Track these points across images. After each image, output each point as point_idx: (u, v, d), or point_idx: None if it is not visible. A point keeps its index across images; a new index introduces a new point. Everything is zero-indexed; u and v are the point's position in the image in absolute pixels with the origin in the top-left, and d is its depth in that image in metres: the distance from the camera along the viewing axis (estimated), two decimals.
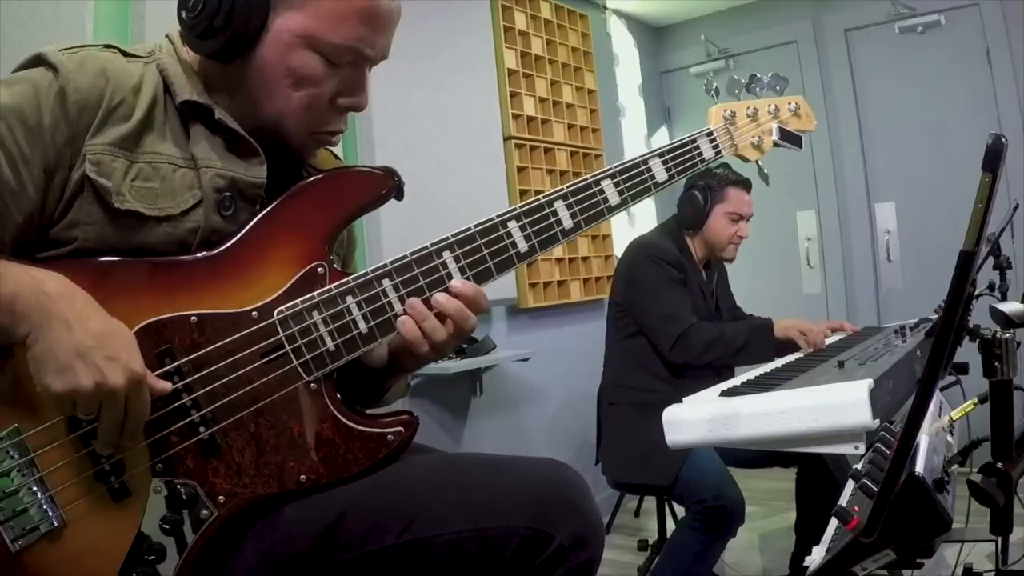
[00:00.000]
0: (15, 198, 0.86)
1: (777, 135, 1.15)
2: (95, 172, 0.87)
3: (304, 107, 0.95)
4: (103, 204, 0.88)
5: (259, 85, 0.94)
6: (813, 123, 1.20)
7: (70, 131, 0.87)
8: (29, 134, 0.86)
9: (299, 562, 0.90)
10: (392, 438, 0.94)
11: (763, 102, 1.16)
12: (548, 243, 0.99)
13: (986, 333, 1.04)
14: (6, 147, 0.85)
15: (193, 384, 0.89)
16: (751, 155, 1.15)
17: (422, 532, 0.90)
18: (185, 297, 0.91)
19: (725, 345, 2.21)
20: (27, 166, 0.86)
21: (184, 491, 0.88)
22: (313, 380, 0.93)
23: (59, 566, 0.86)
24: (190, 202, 0.92)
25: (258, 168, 0.97)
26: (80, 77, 0.88)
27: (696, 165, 1.08)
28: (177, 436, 0.89)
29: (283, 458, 0.91)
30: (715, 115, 1.13)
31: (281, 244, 0.94)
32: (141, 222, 0.90)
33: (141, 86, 0.92)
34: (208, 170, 0.94)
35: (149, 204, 0.90)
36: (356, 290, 0.94)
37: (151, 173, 0.91)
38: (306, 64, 0.93)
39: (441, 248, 0.96)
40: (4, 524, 0.85)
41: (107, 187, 0.88)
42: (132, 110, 0.91)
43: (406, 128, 2.77)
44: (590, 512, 0.94)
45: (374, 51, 0.96)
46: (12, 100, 0.86)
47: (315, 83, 0.94)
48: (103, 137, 0.88)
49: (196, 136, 0.95)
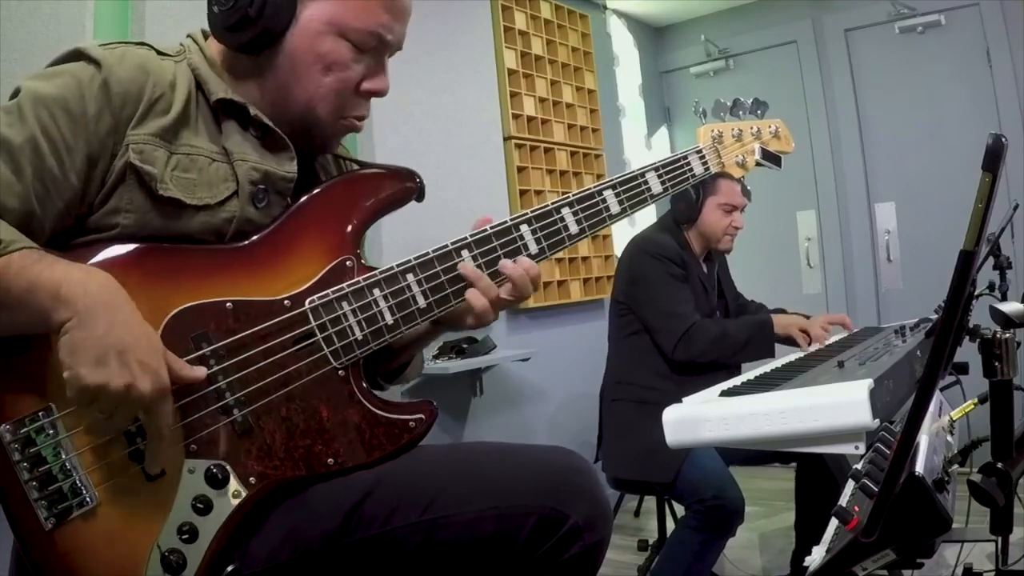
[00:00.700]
0: (57, 185, 0.88)
1: (759, 155, 1.25)
2: (139, 160, 0.90)
3: (334, 92, 1.00)
4: (147, 190, 0.91)
5: (289, 72, 0.99)
6: (791, 145, 1.31)
7: (113, 121, 0.90)
8: (73, 123, 0.88)
9: (323, 540, 0.93)
10: (414, 425, 0.99)
11: (747, 124, 1.26)
12: (556, 246, 1.07)
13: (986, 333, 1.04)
14: (49, 135, 0.87)
15: (227, 368, 0.93)
16: (736, 172, 1.25)
17: (442, 511, 0.95)
18: (221, 284, 0.94)
19: (728, 343, 2.22)
20: (70, 154, 0.88)
21: (217, 472, 0.91)
22: (341, 367, 0.97)
23: (92, 544, 0.88)
24: (225, 193, 0.96)
25: (289, 163, 1.01)
26: (122, 71, 0.91)
27: (687, 180, 1.17)
28: (211, 418, 0.92)
29: (311, 441, 0.95)
30: (703, 135, 1.24)
31: (312, 237, 0.99)
32: (181, 210, 0.93)
33: (176, 83, 0.95)
34: (243, 163, 0.97)
35: (188, 193, 0.93)
36: (383, 283, 0.99)
37: (189, 164, 0.94)
38: (335, 50, 0.98)
39: (460, 247, 1.02)
40: (37, 502, 0.87)
41: (152, 173, 0.91)
42: (170, 104, 0.94)
43: (406, 128, 2.78)
44: (600, 496, 1.00)
45: (394, 37, 1.02)
46: (56, 91, 0.88)
47: (343, 68, 0.99)
48: (145, 128, 0.91)
49: (228, 132, 0.98)
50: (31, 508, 0.86)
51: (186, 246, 0.94)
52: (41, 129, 0.87)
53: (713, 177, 2.38)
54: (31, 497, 0.86)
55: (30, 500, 0.86)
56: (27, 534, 0.87)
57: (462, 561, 0.96)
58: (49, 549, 0.87)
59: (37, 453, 0.87)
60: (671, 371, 2.31)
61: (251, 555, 0.92)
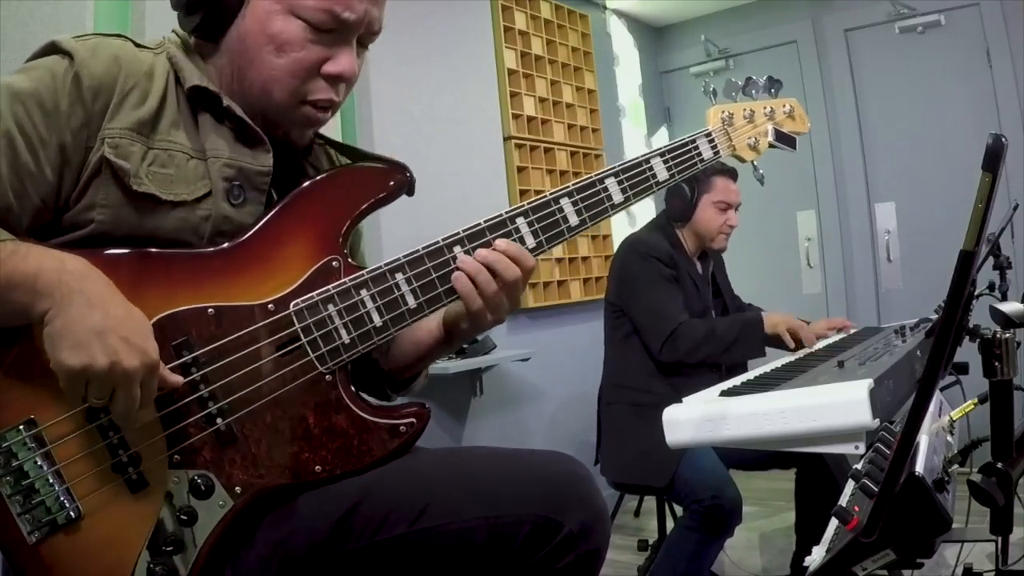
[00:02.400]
0: (33, 180, 0.87)
1: (773, 136, 1.17)
2: (113, 154, 0.89)
3: (288, 73, 0.95)
4: (121, 186, 0.89)
5: (242, 54, 0.95)
6: (807, 125, 1.22)
7: (85, 115, 0.89)
8: (46, 117, 0.87)
9: (313, 551, 0.92)
10: (405, 429, 0.96)
11: (759, 104, 1.18)
12: (555, 239, 1.02)
13: (986, 333, 1.04)
14: (24, 130, 0.87)
15: (210, 375, 0.90)
16: (748, 155, 1.17)
17: (434, 520, 0.92)
18: (203, 289, 0.92)
19: (715, 342, 2.20)
20: (45, 148, 0.87)
21: (201, 482, 0.89)
22: (328, 372, 0.94)
23: (76, 558, 0.87)
24: (201, 191, 0.94)
25: (264, 157, 0.98)
26: (94, 63, 0.89)
27: (696, 165, 1.10)
28: (194, 427, 0.90)
29: (298, 449, 0.93)
30: (713, 116, 1.16)
31: (296, 238, 0.96)
32: (156, 205, 0.91)
33: (153, 73, 0.94)
34: (216, 160, 0.95)
35: (164, 189, 0.92)
36: (370, 283, 0.95)
37: (166, 160, 0.93)
38: (286, 29, 0.93)
39: (452, 243, 0.98)
40: (21, 516, 0.85)
41: (126, 168, 0.89)
42: (146, 95, 0.92)
43: (406, 128, 2.78)
44: (597, 503, 0.97)
45: (354, 15, 0.95)
46: (29, 85, 0.88)
47: (296, 48, 0.94)
48: (119, 121, 0.90)
49: (204, 126, 0.96)
50: (15, 523, 0.85)
51: (166, 251, 0.92)
52: (16, 124, 0.86)
53: (708, 175, 2.37)
54: (14, 512, 0.85)
55: (13, 515, 0.85)
56: (12, 548, 0.86)
57: (456, 569, 0.94)
58: (34, 563, 0.86)
59: (19, 467, 0.85)
60: (666, 372, 2.30)
61: (242, 566, 0.91)
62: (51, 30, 1.81)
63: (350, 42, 0.98)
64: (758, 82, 1.18)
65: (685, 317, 2.26)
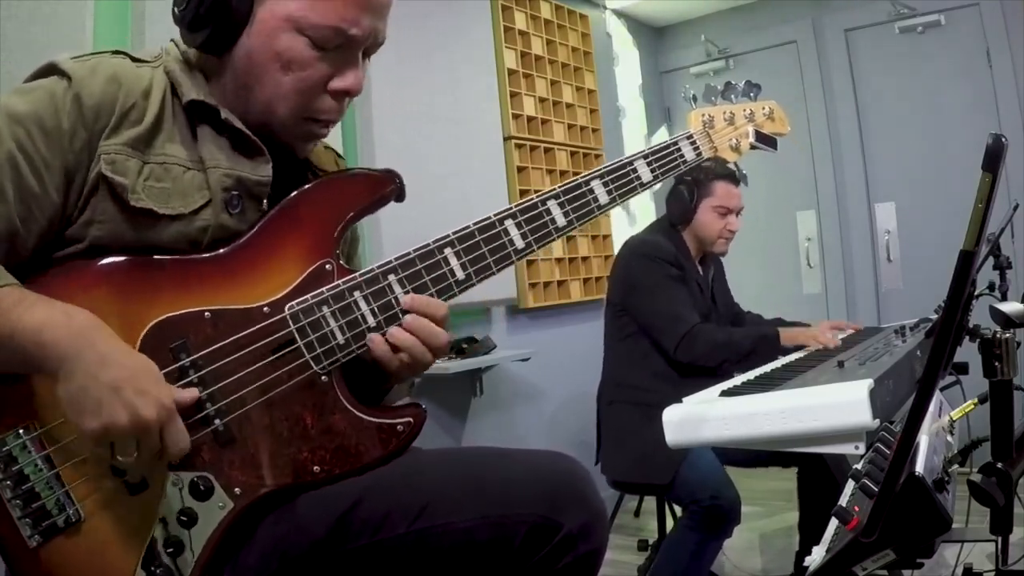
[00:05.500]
0: (38, 202, 0.88)
1: (753, 137, 1.21)
2: (110, 170, 0.89)
3: (294, 91, 0.96)
4: (119, 202, 0.90)
5: (248, 72, 0.96)
6: (787, 126, 1.27)
7: (87, 135, 0.89)
8: (48, 139, 0.88)
9: (312, 550, 0.92)
10: (402, 428, 0.97)
11: (739, 107, 1.22)
12: (543, 240, 1.03)
13: (986, 333, 1.04)
14: (27, 153, 0.87)
15: (207, 378, 0.91)
16: (730, 156, 1.21)
17: (434, 520, 0.92)
18: (198, 294, 0.93)
19: (733, 349, 2.20)
20: (48, 170, 0.88)
21: (201, 483, 0.89)
22: (324, 373, 0.95)
23: (77, 561, 0.87)
24: (199, 202, 0.94)
25: (263, 167, 0.98)
26: (93, 83, 0.90)
27: (679, 166, 1.13)
28: (192, 429, 0.90)
29: (296, 449, 0.93)
30: (694, 119, 1.20)
31: (290, 242, 0.97)
32: (154, 220, 0.92)
33: (151, 90, 0.94)
34: (215, 170, 0.96)
35: (161, 203, 0.92)
36: (363, 285, 0.96)
37: (162, 174, 0.93)
38: (292, 47, 0.93)
39: (443, 245, 0.99)
40: (21, 520, 0.86)
41: (123, 184, 0.90)
42: (143, 113, 0.93)
43: (406, 128, 2.77)
44: (596, 503, 0.97)
45: (361, 31, 0.95)
46: (30, 107, 0.88)
47: (303, 66, 0.95)
48: (117, 138, 0.90)
49: (203, 137, 0.97)
50: (15, 526, 0.86)
51: (161, 257, 0.92)
52: (18, 147, 0.86)
53: (709, 179, 2.37)
54: (15, 515, 0.86)
55: (14, 518, 0.86)
56: (13, 552, 0.86)
57: (455, 569, 0.94)
58: (35, 566, 0.86)
59: (19, 471, 0.85)
60: (668, 373, 2.30)
61: (241, 566, 0.91)
62: (51, 30, 1.81)
63: (356, 57, 0.98)
64: (737, 86, 1.22)
65: (698, 319, 2.26)
